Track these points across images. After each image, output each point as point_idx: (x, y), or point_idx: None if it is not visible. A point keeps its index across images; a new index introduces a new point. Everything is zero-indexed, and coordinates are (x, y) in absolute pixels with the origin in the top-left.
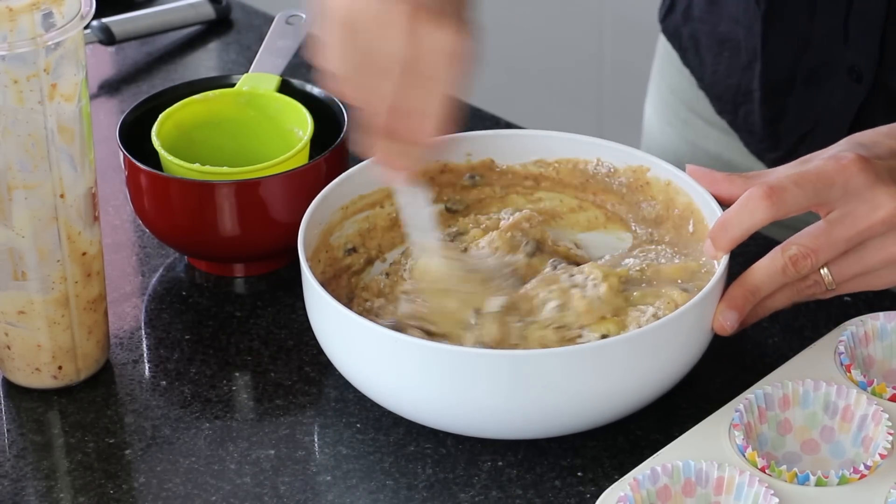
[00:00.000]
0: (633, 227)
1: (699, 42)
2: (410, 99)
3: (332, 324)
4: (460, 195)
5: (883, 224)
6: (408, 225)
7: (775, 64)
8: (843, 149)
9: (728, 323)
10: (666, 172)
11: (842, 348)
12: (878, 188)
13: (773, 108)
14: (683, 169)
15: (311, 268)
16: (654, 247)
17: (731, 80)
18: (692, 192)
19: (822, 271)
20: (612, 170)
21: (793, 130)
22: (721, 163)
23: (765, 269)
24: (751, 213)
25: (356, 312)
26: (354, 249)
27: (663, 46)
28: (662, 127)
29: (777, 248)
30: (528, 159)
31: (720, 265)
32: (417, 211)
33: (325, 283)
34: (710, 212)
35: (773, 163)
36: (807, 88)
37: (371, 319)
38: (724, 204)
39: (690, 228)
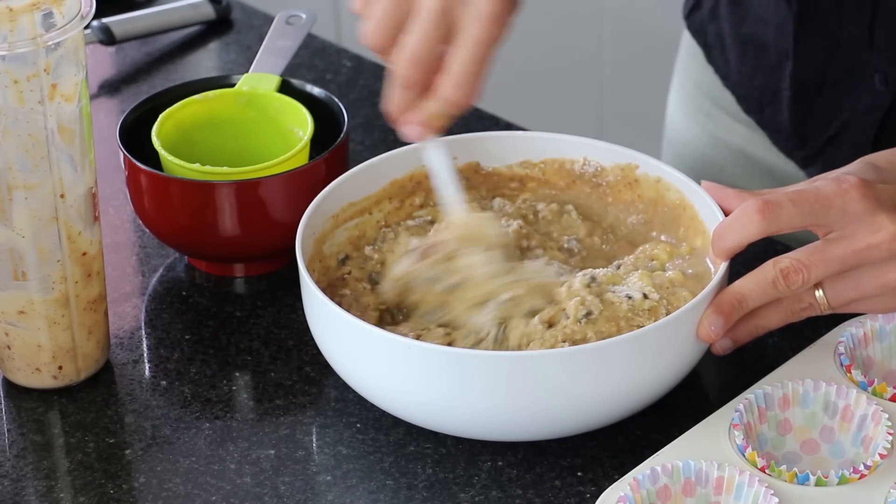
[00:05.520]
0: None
1: (724, 41)
2: (437, 52)
3: (332, 328)
4: None
5: (880, 248)
6: (435, 180)
7: (806, 64)
8: (852, 170)
9: (713, 328)
10: (655, 169)
11: (841, 349)
12: (879, 213)
13: (801, 108)
14: (677, 166)
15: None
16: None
17: (756, 80)
18: (683, 187)
19: (816, 294)
20: (599, 169)
21: (821, 131)
22: (744, 158)
23: (754, 279)
24: (744, 226)
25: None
26: (348, 258)
27: (688, 41)
28: (685, 121)
29: (769, 261)
30: (513, 160)
31: (721, 267)
32: (442, 166)
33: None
34: (704, 206)
35: (803, 160)
36: (835, 91)
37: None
38: None
39: (683, 225)
